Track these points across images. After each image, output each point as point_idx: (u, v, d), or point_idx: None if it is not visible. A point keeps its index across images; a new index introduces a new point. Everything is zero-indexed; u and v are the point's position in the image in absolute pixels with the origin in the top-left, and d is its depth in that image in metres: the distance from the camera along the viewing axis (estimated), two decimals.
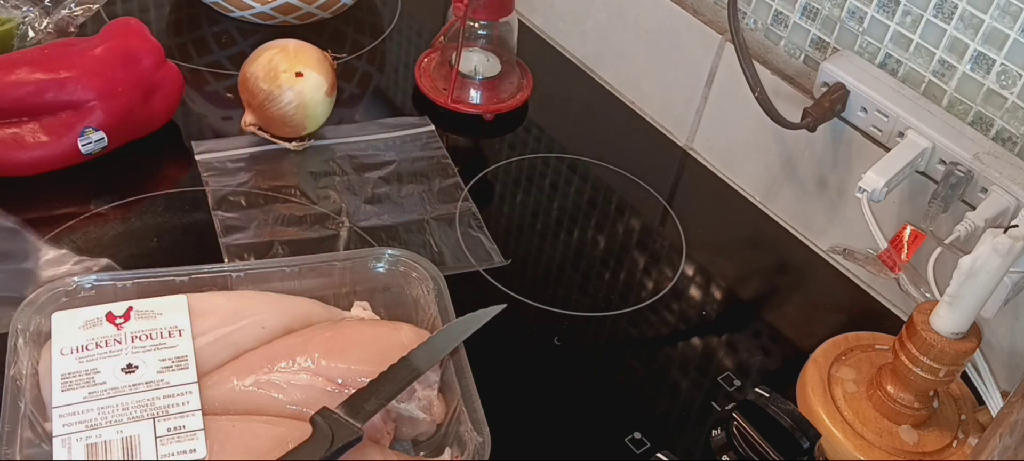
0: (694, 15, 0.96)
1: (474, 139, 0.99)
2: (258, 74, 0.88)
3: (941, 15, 0.79)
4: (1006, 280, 0.70)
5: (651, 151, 1.01)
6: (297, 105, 0.88)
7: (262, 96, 0.87)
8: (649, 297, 0.84)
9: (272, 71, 0.88)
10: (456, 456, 0.66)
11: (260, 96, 0.88)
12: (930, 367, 0.68)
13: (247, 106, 0.90)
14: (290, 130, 0.90)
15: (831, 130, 0.86)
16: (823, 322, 0.85)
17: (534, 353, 0.78)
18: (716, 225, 0.94)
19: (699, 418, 0.75)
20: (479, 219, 0.88)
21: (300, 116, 0.89)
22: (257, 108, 0.89)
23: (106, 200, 0.83)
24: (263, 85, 0.87)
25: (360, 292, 0.74)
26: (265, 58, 0.89)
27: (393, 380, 0.65)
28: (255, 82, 0.88)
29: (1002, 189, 0.74)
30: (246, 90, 0.89)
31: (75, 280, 0.68)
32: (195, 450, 0.61)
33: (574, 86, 1.08)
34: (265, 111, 0.88)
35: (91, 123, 0.83)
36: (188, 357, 0.65)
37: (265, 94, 0.87)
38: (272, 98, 0.87)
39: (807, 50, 0.89)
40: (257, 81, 0.88)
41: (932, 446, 0.72)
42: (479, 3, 0.96)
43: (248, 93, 0.89)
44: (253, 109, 0.89)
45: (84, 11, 0.96)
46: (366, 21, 1.11)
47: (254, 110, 0.89)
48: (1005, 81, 0.77)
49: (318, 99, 0.89)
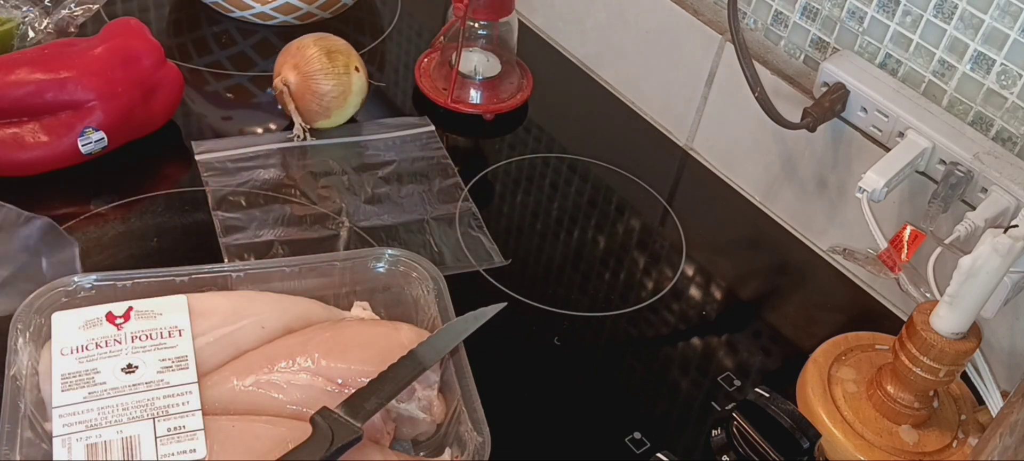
0: (694, 15, 0.96)
1: (474, 139, 0.99)
2: (321, 47, 0.91)
3: (941, 15, 0.79)
4: (1006, 280, 0.70)
5: (651, 151, 1.01)
6: (340, 93, 0.91)
7: (317, 65, 0.90)
8: (649, 297, 0.84)
9: (334, 52, 0.91)
10: (456, 456, 0.66)
11: (314, 64, 0.90)
12: (930, 367, 0.68)
13: (292, 69, 0.91)
14: (316, 113, 0.91)
15: (831, 130, 0.86)
16: (823, 322, 0.85)
17: (534, 353, 0.78)
18: (716, 225, 0.94)
19: (699, 418, 0.75)
20: (479, 219, 0.88)
21: (336, 105, 0.91)
22: (305, 75, 0.90)
23: (106, 200, 0.83)
24: (323, 58, 0.90)
25: (360, 292, 0.74)
26: (331, 41, 0.92)
27: (393, 380, 0.65)
28: (315, 52, 0.90)
29: (1002, 189, 0.74)
30: (299, 55, 0.91)
31: (75, 280, 0.68)
32: (195, 450, 0.60)
33: (574, 86, 1.08)
34: (310, 81, 0.90)
35: (91, 123, 0.83)
36: (188, 357, 0.65)
37: (321, 65, 0.90)
38: (325, 72, 0.90)
39: (807, 50, 0.89)
40: (318, 53, 0.90)
41: (932, 446, 0.72)
42: (479, 3, 0.96)
43: (301, 58, 0.91)
44: (300, 74, 0.90)
45: (84, 11, 0.96)
46: (366, 21, 1.11)
47: (300, 76, 0.90)
48: (1005, 81, 0.77)
49: (355, 101, 0.93)
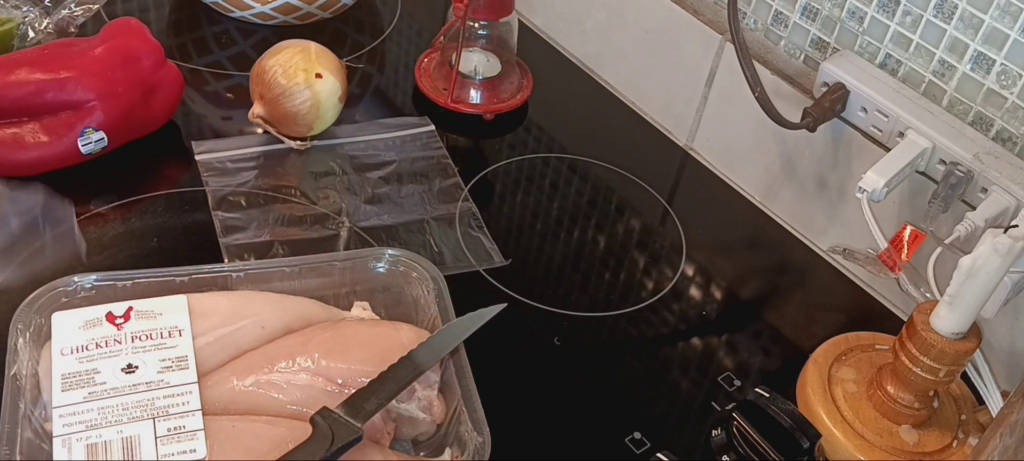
0: (694, 15, 0.96)
1: (474, 139, 0.99)
2: (277, 68, 0.88)
3: (941, 15, 0.79)
4: (1006, 280, 0.70)
5: (651, 151, 1.01)
6: (311, 105, 0.88)
7: (278, 90, 0.87)
8: (649, 297, 0.84)
9: (292, 67, 0.88)
10: (456, 456, 0.66)
11: (276, 90, 0.88)
12: (930, 367, 0.68)
13: (258, 98, 0.89)
14: (298, 129, 0.90)
15: (831, 130, 0.86)
16: (823, 322, 0.85)
17: (534, 353, 0.78)
18: (716, 225, 0.94)
19: (699, 418, 0.75)
20: (479, 219, 0.88)
21: (311, 116, 0.89)
22: (270, 101, 0.88)
23: (106, 200, 0.83)
24: (281, 79, 0.87)
25: (360, 292, 0.74)
26: (287, 54, 0.89)
27: (393, 380, 0.65)
28: (273, 75, 0.88)
29: (1002, 189, 0.74)
30: (261, 83, 0.89)
31: (75, 280, 0.68)
32: (195, 450, 0.60)
33: (574, 86, 1.08)
34: (278, 106, 0.88)
35: (91, 123, 0.83)
36: (188, 357, 0.65)
37: (282, 89, 0.87)
38: (288, 94, 0.87)
39: (807, 50, 0.89)
40: (276, 75, 0.88)
41: (932, 446, 0.72)
42: (479, 3, 0.96)
43: (263, 86, 0.88)
44: (265, 102, 0.89)
45: (84, 11, 0.96)
46: (366, 21, 1.11)
47: (266, 103, 0.89)
48: (1005, 81, 0.77)
49: (331, 103, 0.90)
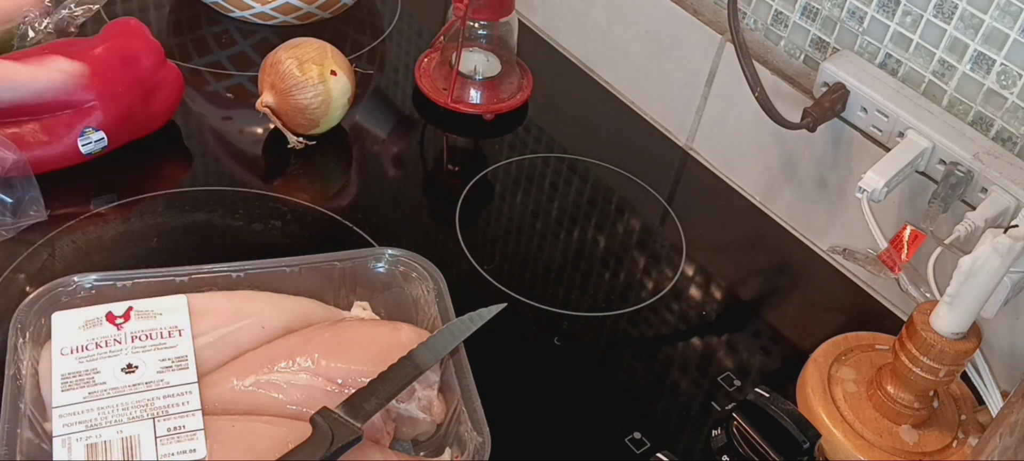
0: (694, 15, 0.96)
1: (474, 139, 0.99)
2: (292, 61, 0.89)
3: (941, 15, 0.78)
4: (1006, 280, 0.70)
5: (651, 151, 1.01)
6: (322, 101, 0.89)
7: (292, 81, 0.88)
8: (649, 297, 0.84)
9: (308, 62, 0.89)
10: (456, 456, 0.66)
11: (289, 81, 0.88)
12: (930, 367, 0.68)
13: (269, 88, 0.89)
14: (304, 124, 0.90)
15: (831, 130, 0.86)
16: (823, 322, 0.85)
17: (534, 353, 0.78)
18: (716, 225, 0.94)
19: (699, 418, 0.75)
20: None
21: (321, 113, 0.90)
22: (281, 93, 0.88)
23: (106, 200, 0.83)
24: (296, 71, 0.88)
25: (360, 292, 0.74)
26: (303, 49, 0.90)
27: (393, 380, 0.65)
28: (288, 67, 0.88)
29: (1002, 189, 0.74)
30: (274, 73, 0.89)
31: (75, 280, 0.68)
32: (195, 450, 0.60)
33: (574, 86, 1.08)
34: (289, 98, 0.88)
35: (91, 123, 0.83)
36: (188, 357, 0.65)
37: (296, 80, 0.88)
38: (301, 87, 0.88)
39: (807, 50, 0.89)
40: (291, 67, 0.88)
41: (932, 446, 0.72)
42: (479, 3, 0.96)
43: (276, 76, 0.89)
44: (276, 93, 0.89)
45: (84, 11, 0.96)
46: (366, 21, 1.11)
47: (277, 94, 0.89)
48: (1005, 81, 0.77)
49: (341, 103, 0.91)
